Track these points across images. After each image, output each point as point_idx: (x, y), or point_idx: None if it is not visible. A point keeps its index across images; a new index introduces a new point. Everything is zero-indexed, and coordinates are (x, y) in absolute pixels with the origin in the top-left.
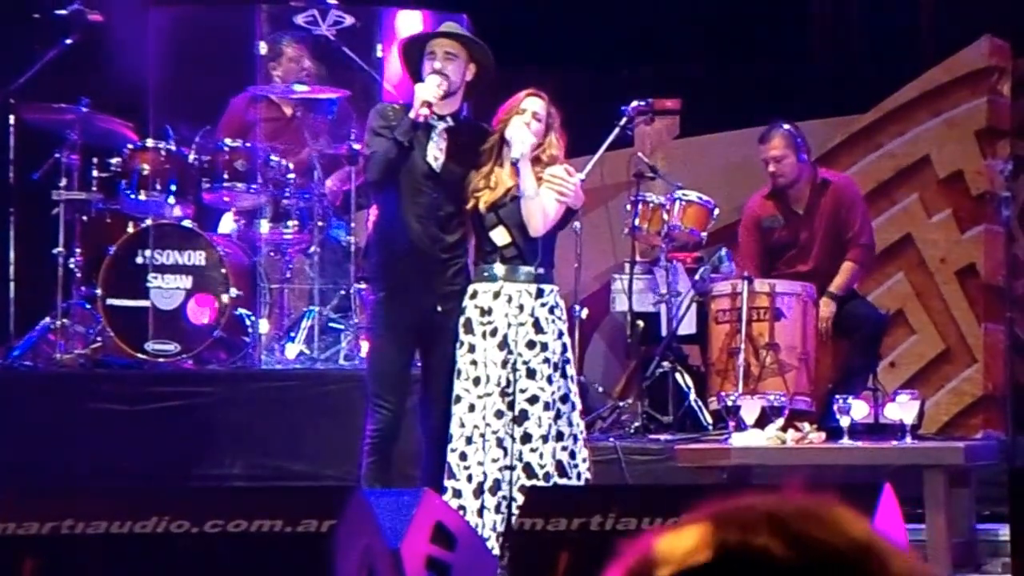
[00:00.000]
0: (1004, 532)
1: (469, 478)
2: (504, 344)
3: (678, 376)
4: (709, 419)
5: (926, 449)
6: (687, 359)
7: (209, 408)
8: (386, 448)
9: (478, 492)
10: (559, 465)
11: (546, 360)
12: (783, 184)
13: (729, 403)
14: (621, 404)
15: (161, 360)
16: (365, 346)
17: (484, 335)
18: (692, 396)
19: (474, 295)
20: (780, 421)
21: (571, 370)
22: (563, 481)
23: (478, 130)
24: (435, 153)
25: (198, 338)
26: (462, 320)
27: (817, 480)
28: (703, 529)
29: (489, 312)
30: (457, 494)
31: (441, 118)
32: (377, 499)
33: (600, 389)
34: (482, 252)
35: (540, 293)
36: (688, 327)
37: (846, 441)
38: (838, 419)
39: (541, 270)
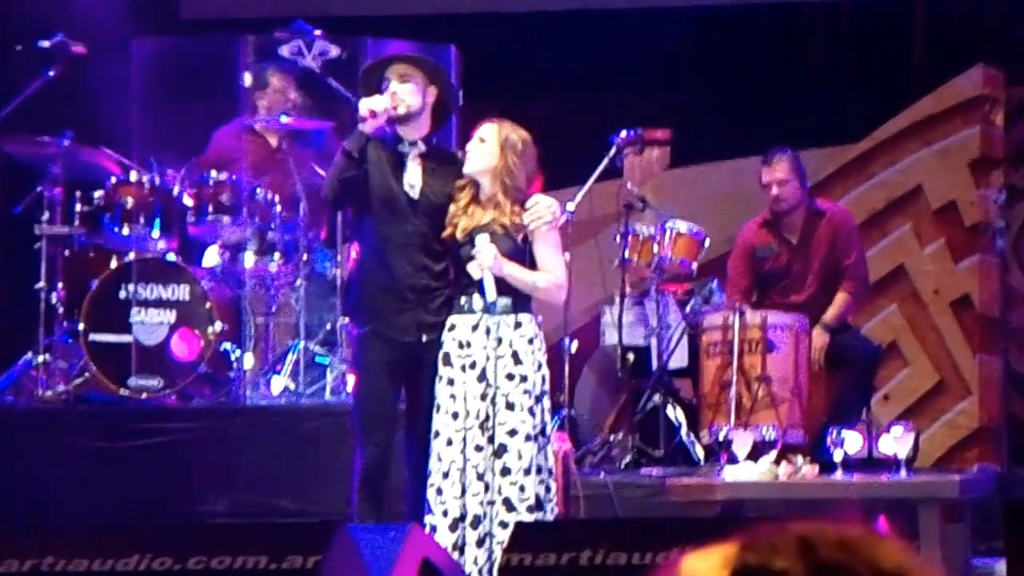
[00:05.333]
0: (1001, 567)
1: (444, 513)
2: (483, 377)
3: (669, 409)
4: (701, 453)
5: (921, 483)
6: (678, 392)
7: (193, 444)
8: (377, 483)
9: (454, 527)
10: (536, 498)
11: (526, 392)
12: (784, 209)
13: (721, 436)
14: (612, 438)
15: (144, 396)
16: (351, 381)
17: (463, 368)
18: (684, 430)
19: (452, 328)
20: (773, 454)
21: (548, 402)
22: (538, 515)
23: (451, 155)
24: (411, 180)
25: (182, 373)
26: (441, 353)
27: (813, 513)
28: (730, 550)
29: (468, 345)
30: (433, 529)
31: (412, 144)
32: (363, 535)
33: (590, 423)
34: (460, 284)
35: (518, 325)
36: (679, 360)
37: (839, 475)
38: (831, 452)
39: (520, 301)
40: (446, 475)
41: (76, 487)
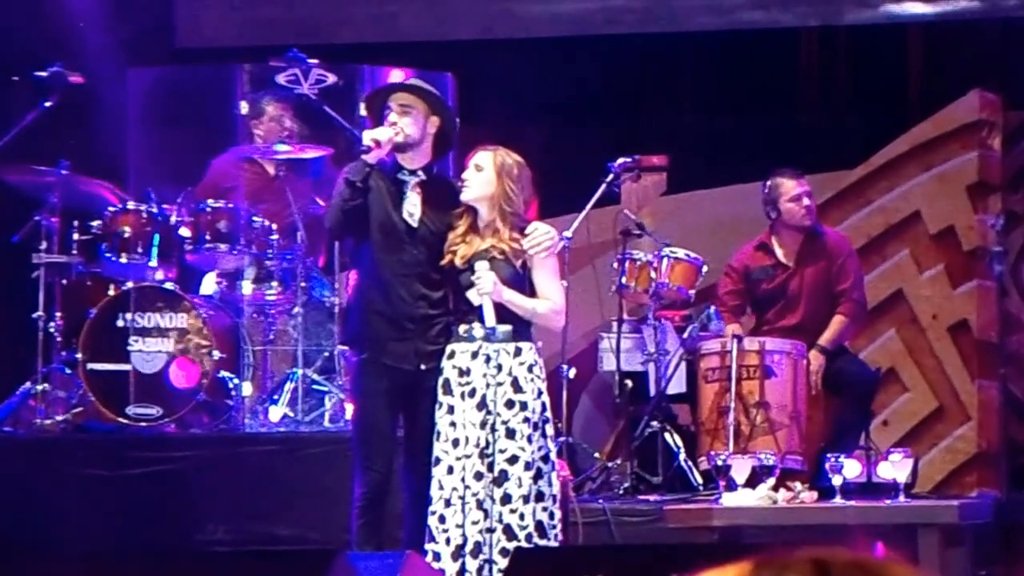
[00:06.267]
0: None
1: (448, 541)
2: (483, 404)
3: (667, 436)
4: (699, 479)
5: (920, 508)
6: (676, 418)
7: (192, 473)
8: (376, 510)
9: (456, 555)
10: (539, 526)
11: (526, 419)
12: (812, 222)
13: (719, 462)
14: (610, 465)
15: (143, 424)
16: (350, 408)
17: (463, 396)
18: (682, 456)
19: (452, 355)
20: (771, 480)
21: (551, 429)
22: (542, 543)
23: (449, 184)
24: (410, 209)
25: (180, 402)
26: (440, 381)
27: (812, 540)
28: (743, 568)
29: (467, 372)
30: (436, 557)
31: (412, 173)
32: (362, 562)
33: (588, 449)
34: (459, 312)
35: (518, 352)
36: (677, 386)
37: (838, 500)
38: (830, 478)
39: (520, 328)
40: (448, 503)
41: (75, 516)
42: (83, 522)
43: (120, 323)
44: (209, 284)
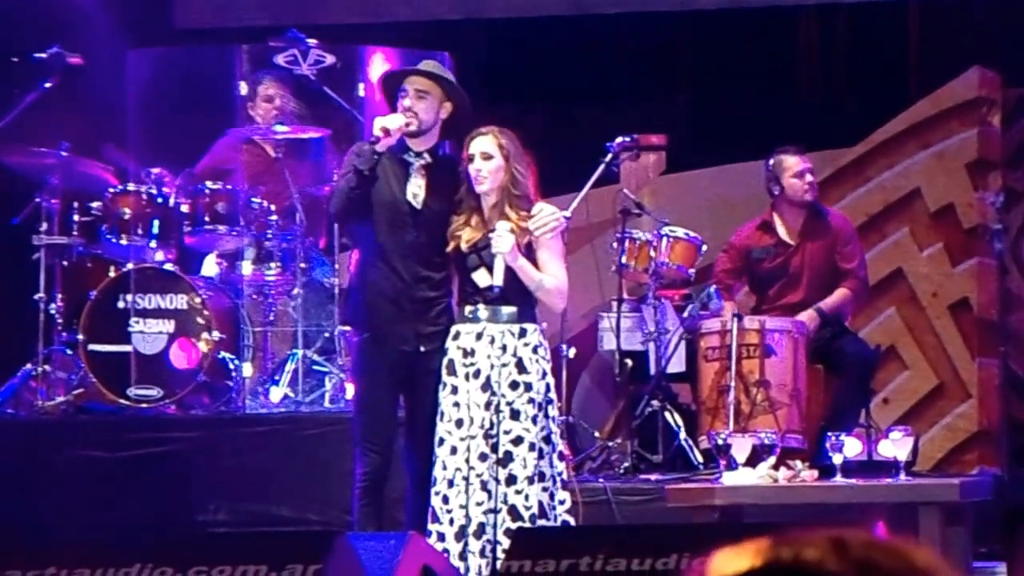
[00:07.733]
0: (1002, 570)
1: (451, 521)
2: (487, 385)
3: (668, 415)
4: (700, 458)
5: (921, 486)
6: (676, 398)
7: (193, 453)
8: (377, 491)
9: (460, 535)
10: (539, 506)
11: (530, 400)
12: (814, 199)
13: (720, 441)
14: (610, 444)
15: (144, 405)
16: (350, 389)
17: (467, 376)
18: (682, 435)
19: (456, 336)
20: (772, 459)
21: (553, 411)
22: (542, 523)
23: (455, 166)
24: (415, 190)
25: (181, 383)
26: (444, 361)
27: (811, 519)
28: (761, 545)
29: (472, 353)
30: (440, 537)
31: (418, 155)
32: (363, 543)
33: (588, 428)
34: (464, 293)
35: (523, 333)
36: (677, 365)
37: (839, 479)
38: (831, 456)
39: (524, 310)
40: (451, 483)
41: (77, 497)
42: (83, 503)
43: (121, 304)
44: (209, 265)
